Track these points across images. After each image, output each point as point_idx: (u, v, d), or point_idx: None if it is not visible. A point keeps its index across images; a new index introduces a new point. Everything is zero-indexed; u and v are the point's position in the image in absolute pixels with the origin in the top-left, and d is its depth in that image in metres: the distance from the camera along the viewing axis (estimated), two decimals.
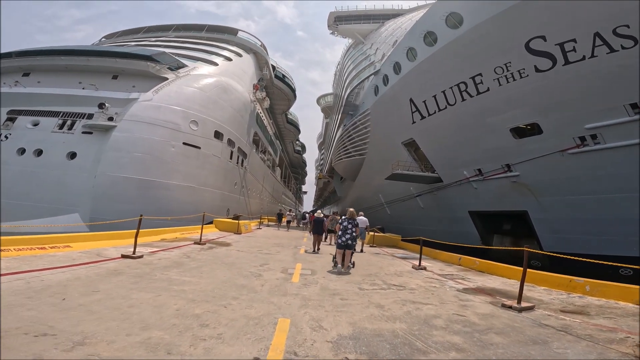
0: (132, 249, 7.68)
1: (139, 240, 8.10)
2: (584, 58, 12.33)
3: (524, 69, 13.87)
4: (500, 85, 14.95)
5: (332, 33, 48.72)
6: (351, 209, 9.30)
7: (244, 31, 36.49)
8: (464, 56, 15.85)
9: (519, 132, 15.52)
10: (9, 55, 22.91)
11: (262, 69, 37.39)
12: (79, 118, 19.49)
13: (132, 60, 21.77)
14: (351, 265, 8.72)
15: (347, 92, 33.13)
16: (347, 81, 34.13)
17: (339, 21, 46.35)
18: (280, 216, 25.59)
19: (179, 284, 5.70)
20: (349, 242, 8.48)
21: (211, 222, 18.80)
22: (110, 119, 19.08)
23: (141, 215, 7.86)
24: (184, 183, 20.12)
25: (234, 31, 36.18)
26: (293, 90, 46.70)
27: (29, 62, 22.54)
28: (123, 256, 7.28)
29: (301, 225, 30.12)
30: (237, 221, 18.11)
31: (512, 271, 9.32)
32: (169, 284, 5.63)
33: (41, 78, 22.12)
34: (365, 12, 45.04)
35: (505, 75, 14.59)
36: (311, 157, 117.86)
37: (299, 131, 65.57)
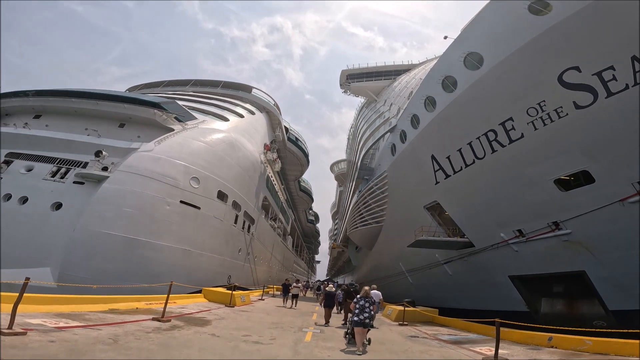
0: (43, 319, 5.18)
1: (73, 309, 5.58)
2: (627, 87, 10.64)
3: (561, 107, 12.08)
4: (536, 129, 13.01)
5: (344, 92, 49.14)
6: (366, 287, 9.25)
7: (258, 89, 36.78)
8: (490, 99, 14.15)
9: (564, 184, 13.27)
10: (25, 94, 22.57)
11: (275, 130, 36.83)
12: (74, 166, 18.17)
13: (139, 106, 21.00)
14: (367, 343, 8.33)
15: (361, 154, 31.69)
16: (362, 143, 32.86)
17: (351, 79, 46.78)
18: (286, 288, 19.17)
19: None
20: (367, 320, 8.29)
21: (200, 291, 16.07)
22: (105, 168, 17.57)
23: None
24: (177, 245, 17.79)
25: (248, 88, 36.38)
26: (306, 155, 45.90)
27: (41, 103, 22.12)
28: None
29: (315, 296, 27.25)
30: (230, 292, 15.20)
31: None
32: None
33: (50, 121, 21.58)
34: (376, 69, 45.62)
35: (541, 117, 12.72)
36: (324, 227, 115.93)
37: (312, 199, 64.14)
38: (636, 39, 10.11)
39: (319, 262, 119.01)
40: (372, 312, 8.61)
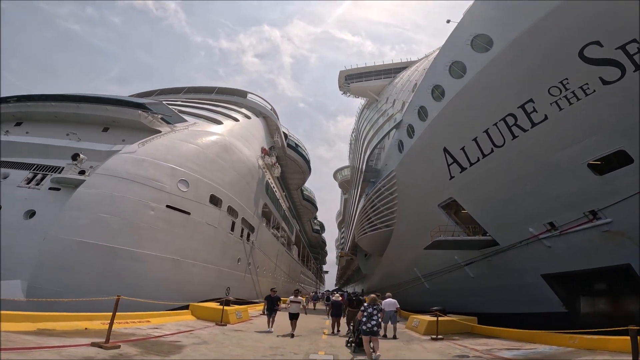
0: None
1: None
2: None
3: (586, 83, 10.92)
4: (561, 109, 11.72)
5: (343, 93, 48.16)
6: (373, 295, 9.15)
7: (253, 94, 35.11)
8: (505, 82, 12.93)
9: (595, 168, 11.80)
10: (6, 101, 21.38)
11: (273, 135, 35.12)
12: (50, 172, 16.67)
13: (123, 107, 19.50)
14: (380, 355, 8.14)
15: (366, 155, 30.01)
16: (365, 144, 31.17)
17: (350, 80, 45.92)
18: (272, 302, 12.72)
19: None
20: (375, 328, 8.26)
21: (187, 307, 14.22)
22: (82, 172, 15.98)
23: None
24: (163, 254, 15.93)
25: (243, 93, 34.78)
26: (307, 162, 44.13)
27: (20, 109, 20.87)
28: None
29: (327, 308, 25.07)
30: (221, 307, 13.16)
31: None
32: None
33: (31, 128, 20.15)
34: (374, 68, 44.70)
35: (565, 96, 11.49)
36: (330, 237, 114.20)
37: (316, 208, 62.39)
38: None
39: (327, 272, 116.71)
40: (380, 320, 8.62)
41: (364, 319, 8.33)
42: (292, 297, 12.77)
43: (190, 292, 17.09)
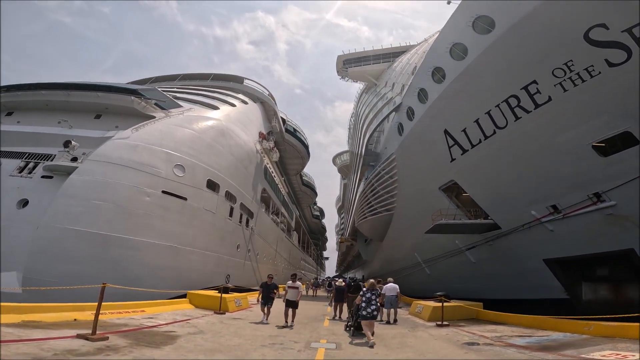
0: None
1: None
2: None
3: (592, 65, 10.70)
4: (565, 90, 11.52)
5: (342, 78, 47.56)
6: (372, 280, 9.34)
7: (250, 79, 34.36)
8: (508, 63, 12.71)
9: (599, 150, 11.63)
10: None
11: (271, 120, 34.50)
12: (43, 160, 16.38)
13: (115, 94, 18.93)
14: (374, 342, 8.09)
15: (365, 139, 29.61)
16: (365, 128, 30.74)
17: (348, 64, 45.22)
18: (267, 290, 11.46)
19: None
20: (375, 312, 8.56)
21: (185, 296, 14.02)
22: (75, 159, 15.64)
23: None
24: (160, 242, 15.67)
25: (239, 79, 34.08)
26: (306, 147, 43.59)
27: (11, 98, 20.36)
28: None
29: (328, 295, 25.04)
30: (219, 295, 12.90)
31: None
32: None
33: (22, 117, 19.74)
34: (373, 52, 43.88)
35: (570, 78, 11.29)
36: (330, 223, 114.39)
37: (315, 194, 62.07)
38: None
39: (327, 258, 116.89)
40: (379, 304, 8.85)
41: (364, 304, 8.54)
42: (289, 282, 11.26)
43: (189, 280, 16.91)
